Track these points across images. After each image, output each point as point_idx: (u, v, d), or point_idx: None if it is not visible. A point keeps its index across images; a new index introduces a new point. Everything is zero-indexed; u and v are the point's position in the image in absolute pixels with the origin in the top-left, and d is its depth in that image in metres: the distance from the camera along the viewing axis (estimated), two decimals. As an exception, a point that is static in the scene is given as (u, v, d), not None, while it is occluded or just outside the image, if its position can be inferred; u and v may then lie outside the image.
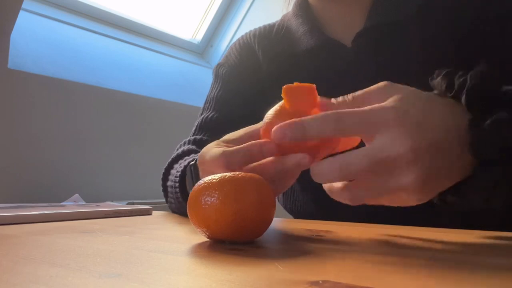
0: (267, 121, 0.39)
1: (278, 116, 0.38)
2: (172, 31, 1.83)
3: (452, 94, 0.34)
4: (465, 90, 0.33)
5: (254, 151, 0.37)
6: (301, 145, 0.36)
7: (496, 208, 0.35)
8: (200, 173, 0.44)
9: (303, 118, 0.33)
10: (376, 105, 0.33)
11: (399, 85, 0.35)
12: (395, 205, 0.35)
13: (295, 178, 0.41)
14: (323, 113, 0.33)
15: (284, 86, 0.37)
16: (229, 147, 0.41)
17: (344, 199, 0.34)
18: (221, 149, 0.39)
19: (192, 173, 0.49)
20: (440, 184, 0.33)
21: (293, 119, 0.33)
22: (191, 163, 0.50)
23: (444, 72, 0.36)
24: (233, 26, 1.95)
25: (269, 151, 0.36)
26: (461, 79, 0.34)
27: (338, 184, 0.35)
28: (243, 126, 0.49)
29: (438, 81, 0.36)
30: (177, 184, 0.57)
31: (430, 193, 0.33)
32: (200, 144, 0.69)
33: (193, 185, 0.35)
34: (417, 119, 0.32)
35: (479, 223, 0.56)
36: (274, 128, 0.34)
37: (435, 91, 0.36)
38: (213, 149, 0.41)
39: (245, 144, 0.38)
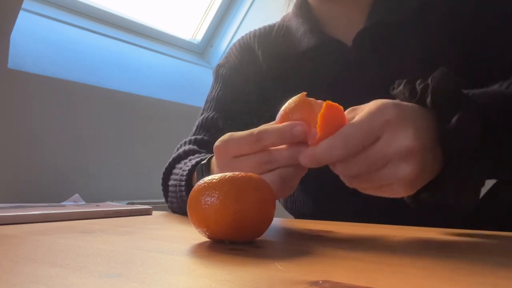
0: (282, 113, 0.40)
1: (294, 110, 0.40)
2: (172, 31, 1.83)
3: (416, 99, 0.37)
4: (429, 92, 0.36)
5: (286, 131, 0.38)
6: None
7: (466, 204, 0.37)
8: (216, 164, 0.43)
9: (317, 148, 0.35)
10: (369, 112, 0.35)
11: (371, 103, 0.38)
12: (384, 195, 0.37)
13: (301, 175, 0.41)
14: (331, 140, 0.35)
15: (321, 115, 0.37)
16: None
17: (341, 172, 0.37)
18: (254, 129, 0.40)
19: (203, 171, 0.50)
20: (425, 179, 0.36)
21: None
22: (203, 162, 0.51)
23: (404, 81, 0.39)
24: (233, 26, 1.95)
25: (298, 132, 0.38)
26: (422, 85, 0.37)
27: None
28: (243, 126, 0.49)
29: (400, 89, 0.39)
30: (183, 183, 0.57)
31: (417, 187, 0.36)
32: (200, 144, 0.69)
33: None
34: (411, 120, 0.35)
35: (479, 223, 0.56)
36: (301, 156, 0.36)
37: (398, 100, 0.39)
38: (237, 132, 0.42)
39: (278, 125, 0.39)
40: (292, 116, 0.40)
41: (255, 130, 0.39)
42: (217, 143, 0.42)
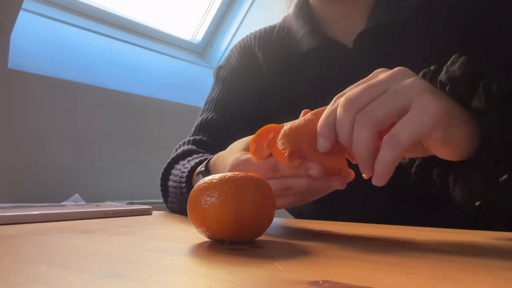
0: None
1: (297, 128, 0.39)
2: (172, 31, 1.83)
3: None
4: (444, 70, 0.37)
5: (303, 170, 0.38)
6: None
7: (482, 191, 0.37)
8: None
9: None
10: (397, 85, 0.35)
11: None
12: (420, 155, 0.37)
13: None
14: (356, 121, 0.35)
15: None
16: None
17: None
18: (271, 159, 0.40)
19: (203, 175, 0.50)
20: (458, 133, 0.35)
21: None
22: (202, 169, 0.51)
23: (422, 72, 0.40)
24: (233, 26, 1.95)
25: (318, 174, 0.37)
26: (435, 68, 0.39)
27: None
28: (243, 127, 0.49)
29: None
30: (183, 184, 0.57)
31: (450, 144, 0.35)
32: (199, 144, 0.69)
33: None
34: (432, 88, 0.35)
35: (482, 223, 0.56)
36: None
37: None
38: (250, 156, 0.41)
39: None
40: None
41: (272, 160, 0.40)
42: (234, 161, 0.42)
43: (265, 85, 0.71)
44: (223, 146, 0.51)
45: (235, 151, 0.45)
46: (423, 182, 0.40)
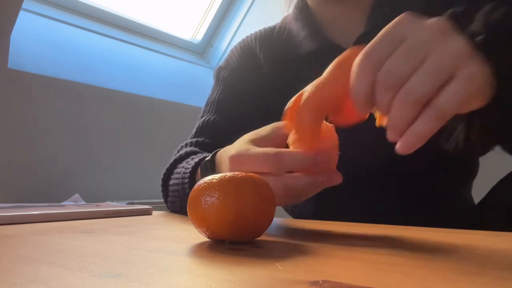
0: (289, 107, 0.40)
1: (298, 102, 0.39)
2: (172, 31, 1.83)
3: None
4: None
5: (308, 160, 0.37)
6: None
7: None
8: (227, 167, 0.43)
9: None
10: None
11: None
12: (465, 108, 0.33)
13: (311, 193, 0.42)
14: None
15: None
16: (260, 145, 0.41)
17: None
18: (271, 149, 0.39)
19: (207, 168, 0.50)
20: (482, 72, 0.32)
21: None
22: (207, 158, 0.50)
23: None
24: (233, 26, 1.95)
25: (323, 162, 0.37)
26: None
27: None
28: (243, 129, 0.49)
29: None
30: (186, 180, 0.57)
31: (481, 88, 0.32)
32: (201, 146, 0.68)
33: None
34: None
35: (481, 223, 0.56)
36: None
37: None
38: (255, 147, 0.41)
39: (298, 151, 0.38)
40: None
41: (272, 151, 0.38)
42: (233, 153, 0.42)
43: (266, 85, 0.71)
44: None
45: (239, 143, 0.45)
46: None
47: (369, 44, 0.32)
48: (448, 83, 0.30)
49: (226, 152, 0.47)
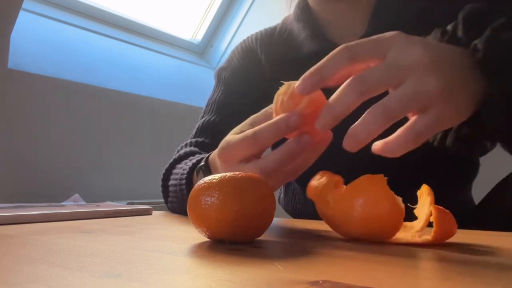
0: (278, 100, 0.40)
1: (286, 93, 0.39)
2: (172, 31, 1.83)
3: (448, 36, 0.38)
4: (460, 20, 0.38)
5: (281, 125, 0.37)
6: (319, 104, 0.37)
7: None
8: (219, 166, 0.43)
9: (317, 64, 0.35)
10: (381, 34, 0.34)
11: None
12: (438, 127, 0.34)
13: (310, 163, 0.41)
14: (333, 51, 0.35)
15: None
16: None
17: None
18: (248, 130, 0.40)
19: (203, 170, 0.50)
20: (461, 98, 0.34)
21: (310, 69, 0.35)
22: (201, 163, 0.51)
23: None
24: (233, 26, 1.95)
25: (294, 122, 0.37)
26: (452, 24, 0.38)
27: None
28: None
29: (432, 34, 0.40)
30: (183, 181, 0.57)
31: (456, 105, 0.33)
32: (201, 146, 0.68)
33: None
34: (420, 39, 0.34)
35: (481, 223, 0.56)
36: (296, 84, 0.35)
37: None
38: (234, 135, 0.41)
39: (271, 121, 0.38)
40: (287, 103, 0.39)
41: (249, 132, 0.39)
42: (218, 151, 0.42)
43: (267, 86, 0.71)
44: None
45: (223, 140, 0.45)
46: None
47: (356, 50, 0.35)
48: (419, 115, 0.32)
49: (215, 153, 0.48)
